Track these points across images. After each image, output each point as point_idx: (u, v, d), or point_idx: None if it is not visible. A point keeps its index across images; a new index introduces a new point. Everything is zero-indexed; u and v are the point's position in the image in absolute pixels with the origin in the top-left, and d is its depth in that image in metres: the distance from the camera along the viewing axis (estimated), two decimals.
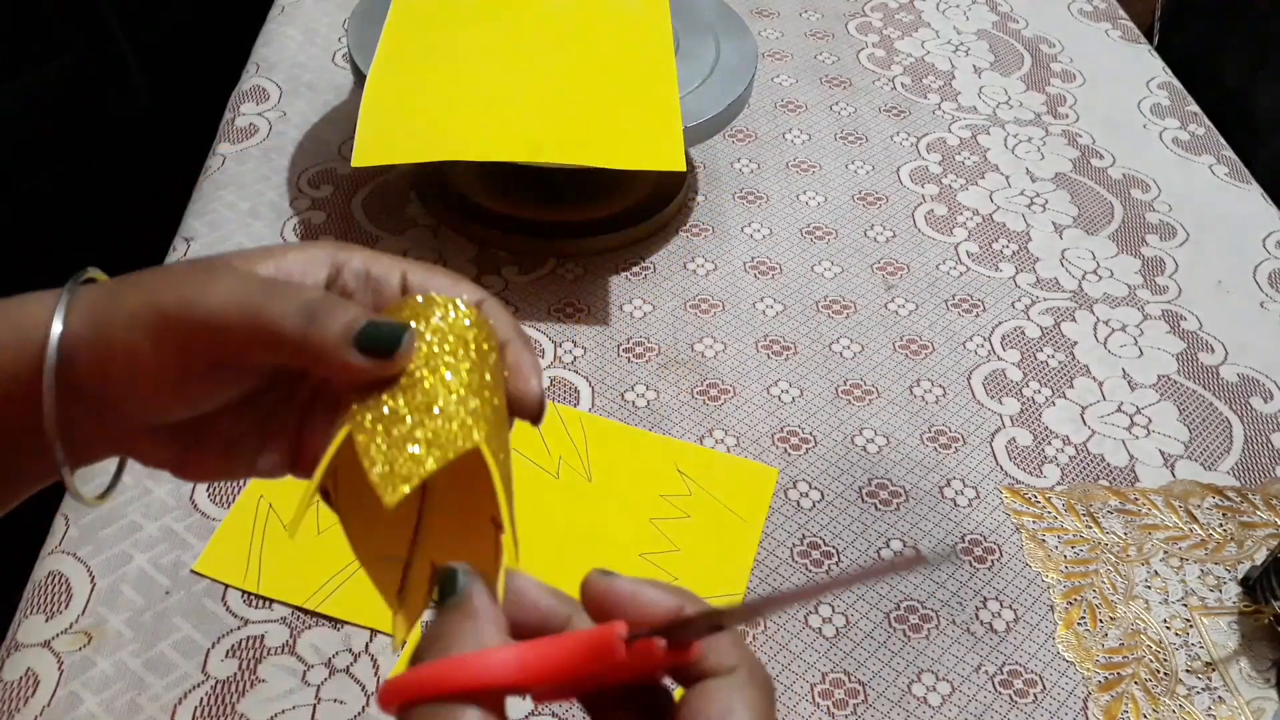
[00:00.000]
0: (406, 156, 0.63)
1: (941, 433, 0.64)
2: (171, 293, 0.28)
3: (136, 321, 0.28)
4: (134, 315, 0.28)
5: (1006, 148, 0.86)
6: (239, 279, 0.29)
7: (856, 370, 0.67)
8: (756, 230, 0.77)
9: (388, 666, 0.51)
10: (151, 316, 0.28)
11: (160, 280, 0.29)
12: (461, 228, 0.74)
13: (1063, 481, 0.62)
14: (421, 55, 0.69)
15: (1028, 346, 0.69)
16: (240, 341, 0.28)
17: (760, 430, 0.63)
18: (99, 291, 0.30)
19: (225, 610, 0.52)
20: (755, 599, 0.28)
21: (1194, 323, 0.72)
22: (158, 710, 0.48)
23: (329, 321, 0.28)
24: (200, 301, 0.28)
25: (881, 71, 0.94)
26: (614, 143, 0.64)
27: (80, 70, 1.04)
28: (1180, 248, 0.78)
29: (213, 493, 0.57)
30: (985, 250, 0.77)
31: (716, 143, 0.84)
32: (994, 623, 0.54)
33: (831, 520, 0.58)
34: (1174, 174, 0.85)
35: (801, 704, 0.51)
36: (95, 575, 0.53)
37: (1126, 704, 0.52)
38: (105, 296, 0.29)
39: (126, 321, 0.28)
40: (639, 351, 0.67)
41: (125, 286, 0.30)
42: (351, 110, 0.66)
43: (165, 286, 0.29)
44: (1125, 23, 1.03)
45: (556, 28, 0.73)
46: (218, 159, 0.78)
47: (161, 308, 0.28)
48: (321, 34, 0.92)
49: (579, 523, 0.57)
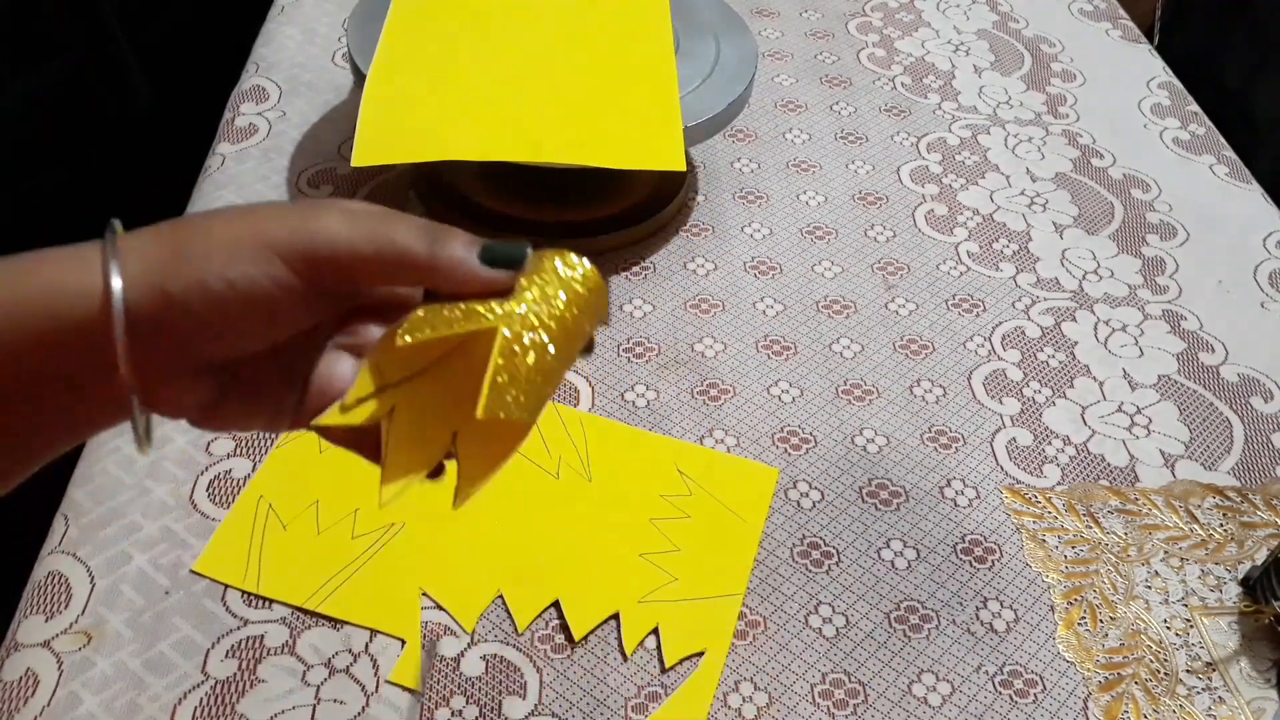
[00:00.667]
0: (406, 156, 0.63)
1: (942, 433, 0.63)
2: (278, 226, 0.30)
3: (241, 253, 0.30)
4: (235, 247, 0.30)
5: (1007, 147, 0.86)
6: (348, 212, 0.31)
7: (857, 370, 0.67)
8: (756, 230, 0.77)
9: (388, 666, 0.51)
10: (258, 246, 0.30)
11: (247, 217, 0.31)
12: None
13: (1063, 481, 0.61)
14: (421, 55, 0.69)
15: (1028, 346, 0.69)
16: (368, 266, 0.31)
17: (760, 430, 0.63)
18: (151, 233, 0.30)
19: (225, 610, 0.52)
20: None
21: (1194, 323, 0.72)
22: (157, 710, 0.48)
23: (451, 240, 0.32)
24: (323, 231, 0.30)
25: (882, 71, 0.94)
26: (614, 143, 0.64)
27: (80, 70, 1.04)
28: (1181, 248, 0.78)
29: (213, 493, 0.57)
30: (985, 250, 0.77)
31: (716, 143, 0.84)
32: (994, 623, 0.54)
33: (831, 520, 0.58)
34: (1174, 174, 0.85)
35: (801, 704, 0.51)
36: (95, 575, 0.53)
37: (1127, 704, 0.52)
38: (169, 235, 0.30)
39: (225, 255, 0.30)
40: (639, 351, 0.67)
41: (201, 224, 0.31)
42: (351, 110, 0.66)
43: (262, 222, 0.30)
44: (1125, 23, 1.03)
45: (556, 28, 0.73)
46: (218, 159, 0.78)
47: (273, 239, 0.30)
48: (321, 34, 0.92)
49: (579, 523, 0.57)
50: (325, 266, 0.31)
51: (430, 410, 0.33)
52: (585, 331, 0.34)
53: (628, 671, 0.51)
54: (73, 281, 0.29)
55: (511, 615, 0.53)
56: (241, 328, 0.31)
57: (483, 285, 0.32)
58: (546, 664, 0.51)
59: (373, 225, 0.31)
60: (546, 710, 0.50)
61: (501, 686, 0.50)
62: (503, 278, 0.32)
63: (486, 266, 0.32)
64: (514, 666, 0.51)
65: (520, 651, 0.52)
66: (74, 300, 0.29)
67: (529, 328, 0.32)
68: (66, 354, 0.29)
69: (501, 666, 0.51)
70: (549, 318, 0.32)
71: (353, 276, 0.31)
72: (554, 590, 0.54)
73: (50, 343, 0.29)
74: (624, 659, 0.52)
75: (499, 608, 0.53)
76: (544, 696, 0.50)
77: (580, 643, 0.52)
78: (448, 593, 0.53)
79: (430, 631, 0.52)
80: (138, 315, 0.29)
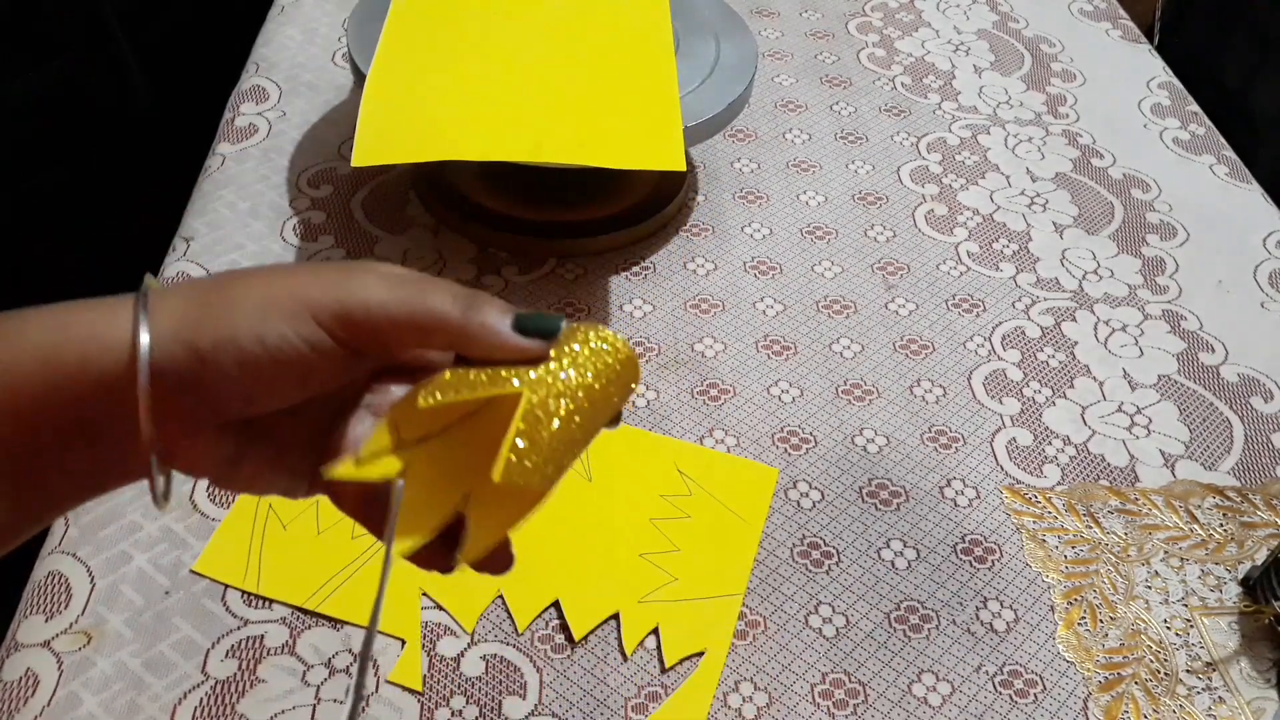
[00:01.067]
0: (406, 156, 0.63)
1: (942, 433, 0.63)
2: (314, 286, 0.31)
3: (275, 312, 0.30)
4: (269, 306, 0.30)
5: (1007, 147, 0.86)
6: (384, 276, 0.32)
7: (857, 370, 0.67)
8: (756, 230, 0.77)
9: (388, 666, 0.51)
10: (293, 305, 0.30)
11: (282, 276, 0.31)
12: (461, 228, 0.74)
13: (1063, 481, 0.61)
14: (421, 55, 0.69)
15: (1028, 346, 0.69)
16: (402, 329, 0.31)
17: (760, 430, 0.63)
18: (185, 289, 0.31)
19: (225, 610, 0.52)
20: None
21: (1194, 323, 0.72)
22: (158, 710, 0.48)
23: (486, 306, 0.32)
24: (358, 293, 0.31)
25: (882, 71, 0.94)
26: (614, 142, 0.64)
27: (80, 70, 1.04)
28: (1180, 248, 0.78)
29: (212, 493, 0.57)
30: (985, 250, 0.77)
31: (716, 143, 0.84)
32: (994, 623, 0.54)
33: (831, 520, 0.58)
34: (1174, 174, 0.85)
35: (801, 704, 0.51)
36: (95, 575, 0.53)
37: (1127, 704, 0.52)
38: (203, 291, 0.31)
39: (259, 313, 0.30)
40: (639, 351, 0.67)
41: (236, 281, 0.31)
42: (351, 110, 0.66)
43: (297, 281, 0.31)
44: (1125, 22, 1.03)
45: (556, 27, 0.73)
46: (218, 159, 0.78)
47: (308, 298, 0.30)
48: (321, 34, 0.92)
49: (579, 523, 0.57)
50: (360, 328, 0.31)
51: (443, 472, 0.33)
52: (613, 405, 0.34)
53: (628, 671, 0.51)
54: (103, 333, 0.29)
55: (511, 615, 0.53)
56: (271, 387, 0.31)
57: (516, 353, 0.32)
58: (546, 664, 0.51)
59: (408, 289, 0.31)
60: (546, 710, 0.50)
61: (501, 686, 0.50)
62: (536, 346, 0.32)
63: (520, 335, 0.32)
64: (514, 666, 0.51)
65: (520, 651, 0.52)
66: (103, 352, 0.29)
67: (555, 395, 0.32)
68: (92, 405, 0.29)
69: (501, 666, 0.51)
70: (577, 387, 0.32)
71: (386, 340, 0.32)
72: (554, 590, 0.54)
73: (77, 392, 0.29)
74: (624, 659, 0.52)
75: (499, 608, 0.53)
76: (544, 696, 0.50)
77: (580, 643, 0.52)
78: (448, 593, 0.53)
79: (430, 631, 0.52)
80: (165, 369, 0.29)
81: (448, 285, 0.32)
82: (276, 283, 0.31)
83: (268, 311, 0.30)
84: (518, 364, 0.32)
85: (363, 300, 0.31)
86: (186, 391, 0.30)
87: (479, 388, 0.31)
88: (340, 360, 0.31)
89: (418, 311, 0.31)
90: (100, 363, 0.29)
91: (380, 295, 0.31)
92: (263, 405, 0.31)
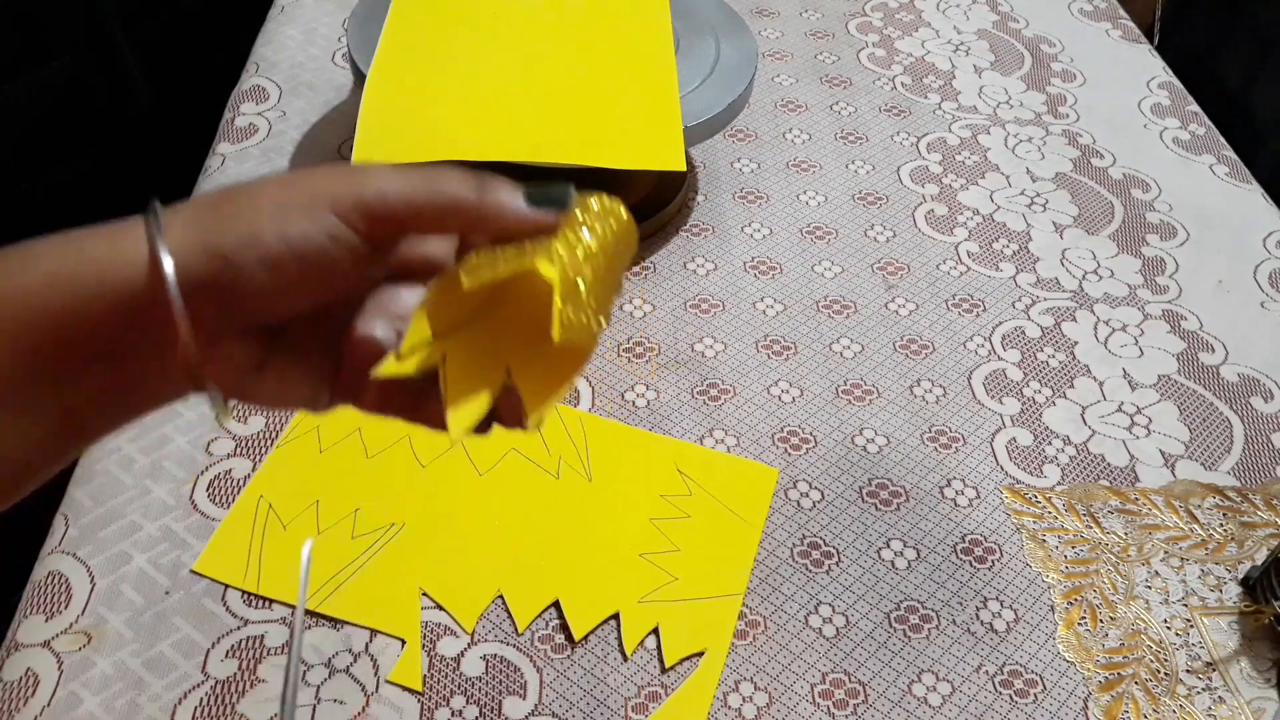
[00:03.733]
0: (406, 156, 0.63)
1: (942, 433, 0.63)
2: (330, 182, 0.31)
3: (295, 209, 0.30)
4: (288, 203, 0.30)
5: (1007, 147, 0.86)
6: (395, 168, 0.32)
7: (857, 370, 0.67)
8: (756, 230, 0.77)
9: (388, 666, 0.51)
10: (312, 201, 0.30)
11: (295, 176, 0.31)
12: None
13: (1063, 481, 0.61)
14: (421, 55, 0.69)
15: (1028, 346, 0.69)
16: (421, 215, 0.32)
17: (760, 430, 0.63)
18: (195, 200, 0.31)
19: (225, 610, 0.52)
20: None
21: (1194, 323, 0.72)
22: (158, 710, 0.48)
23: (498, 185, 0.32)
24: (374, 183, 0.31)
25: (882, 71, 0.94)
26: (614, 143, 0.64)
27: (80, 70, 1.04)
28: (1181, 248, 0.78)
29: (213, 493, 0.57)
30: (985, 250, 0.77)
31: (716, 143, 0.84)
32: (994, 623, 0.54)
33: (832, 520, 0.58)
34: (1174, 174, 0.85)
35: (801, 704, 0.51)
36: (95, 575, 0.53)
37: (1127, 704, 0.52)
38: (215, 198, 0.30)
39: (278, 211, 0.30)
40: (639, 351, 0.67)
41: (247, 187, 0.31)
42: (351, 110, 0.66)
43: (312, 179, 0.31)
44: (1125, 22, 1.03)
45: (557, 27, 0.73)
46: (218, 159, 0.78)
47: (326, 192, 0.30)
48: (321, 34, 0.92)
49: (579, 523, 0.57)
50: (379, 217, 0.31)
51: (482, 352, 0.34)
52: (626, 263, 0.36)
53: (628, 671, 0.51)
54: (118, 250, 0.29)
55: (511, 615, 0.53)
56: (295, 286, 0.30)
57: (531, 225, 0.33)
58: (546, 664, 0.51)
59: (421, 176, 0.32)
60: (546, 710, 0.50)
61: (501, 686, 0.50)
62: (550, 217, 0.33)
63: (533, 207, 0.33)
64: (514, 666, 0.51)
65: (520, 651, 0.52)
66: (121, 268, 0.28)
67: (584, 256, 0.33)
68: (113, 324, 0.29)
69: (501, 666, 0.51)
70: (598, 249, 0.33)
71: (405, 225, 0.32)
72: (554, 590, 0.54)
73: (96, 312, 0.29)
74: (624, 659, 0.52)
75: (499, 608, 0.53)
76: (544, 696, 0.50)
77: (580, 643, 0.52)
78: (448, 593, 0.53)
79: (430, 631, 0.52)
80: (188, 277, 0.29)
81: (456, 170, 0.33)
82: (292, 183, 0.31)
83: (287, 209, 0.30)
84: (534, 237, 0.33)
85: (379, 189, 0.31)
86: (209, 298, 0.29)
87: (513, 261, 0.32)
88: (360, 255, 0.31)
89: (435, 194, 0.32)
90: (118, 279, 0.28)
91: (396, 183, 0.31)
92: (286, 307, 0.31)
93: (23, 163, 1.02)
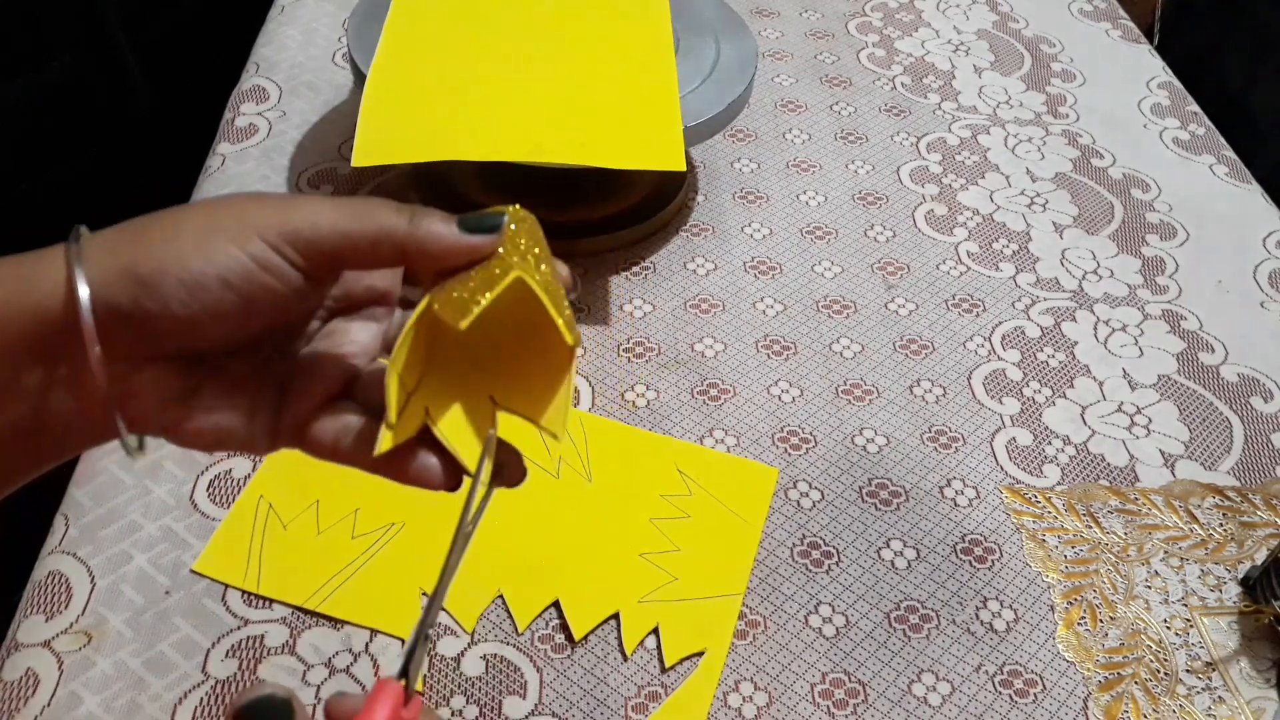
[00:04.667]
0: (406, 156, 0.63)
1: (942, 433, 0.64)
2: (259, 209, 0.30)
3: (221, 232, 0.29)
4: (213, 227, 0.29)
5: (1006, 147, 0.86)
6: (328, 199, 0.32)
7: (856, 370, 0.67)
8: (756, 230, 0.77)
9: (388, 667, 0.51)
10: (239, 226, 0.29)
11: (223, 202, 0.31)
12: None
13: (1063, 481, 0.61)
14: (421, 55, 0.69)
15: (1028, 346, 0.69)
16: (352, 246, 0.31)
17: (760, 430, 0.63)
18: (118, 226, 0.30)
19: (225, 610, 0.52)
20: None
21: (1194, 322, 0.72)
22: (158, 710, 0.48)
23: (429, 216, 0.32)
24: (305, 213, 0.30)
25: (881, 71, 0.94)
26: (614, 143, 0.64)
27: (80, 70, 1.04)
28: (1180, 248, 0.78)
29: (212, 493, 0.57)
30: (985, 250, 0.77)
31: (716, 143, 0.84)
32: (994, 623, 0.54)
33: (831, 520, 0.58)
34: (1174, 174, 0.85)
35: (801, 704, 0.51)
36: (95, 575, 0.53)
37: (1126, 704, 0.52)
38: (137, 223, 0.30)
39: (202, 234, 0.29)
40: (639, 351, 0.67)
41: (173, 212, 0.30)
42: (351, 110, 0.66)
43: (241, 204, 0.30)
44: (1125, 22, 1.03)
45: (557, 27, 0.73)
46: (218, 159, 0.78)
47: (254, 219, 0.30)
48: (321, 34, 0.92)
49: (579, 523, 0.57)
50: (309, 247, 0.30)
51: (462, 387, 0.34)
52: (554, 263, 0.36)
53: (628, 671, 0.51)
54: (32, 275, 0.28)
55: (511, 615, 0.53)
56: (219, 310, 0.29)
57: (468, 251, 0.32)
58: (546, 664, 0.51)
59: (354, 208, 0.31)
60: (546, 710, 0.50)
61: (501, 686, 0.50)
62: (486, 241, 0.32)
63: (468, 234, 0.32)
64: (514, 666, 0.51)
65: (520, 651, 0.52)
66: (34, 292, 0.28)
67: (534, 267, 0.33)
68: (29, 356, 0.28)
69: (501, 666, 0.51)
70: (538, 256, 0.33)
71: (336, 258, 0.31)
72: (554, 590, 0.54)
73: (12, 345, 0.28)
74: (624, 659, 0.52)
75: (499, 608, 0.53)
76: (544, 696, 0.50)
77: (580, 643, 0.52)
78: (448, 592, 0.53)
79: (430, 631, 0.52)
80: (104, 299, 0.28)
81: (389, 202, 0.32)
82: (219, 209, 0.30)
83: (212, 233, 0.29)
84: (469, 262, 0.32)
85: (310, 218, 0.30)
86: (126, 322, 0.28)
87: (487, 284, 0.31)
88: (295, 285, 0.31)
89: (367, 226, 0.31)
90: (32, 308, 0.28)
91: (327, 213, 0.31)
92: (212, 333, 0.30)
93: (23, 163, 1.02)
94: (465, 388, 0.34)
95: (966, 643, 0.54)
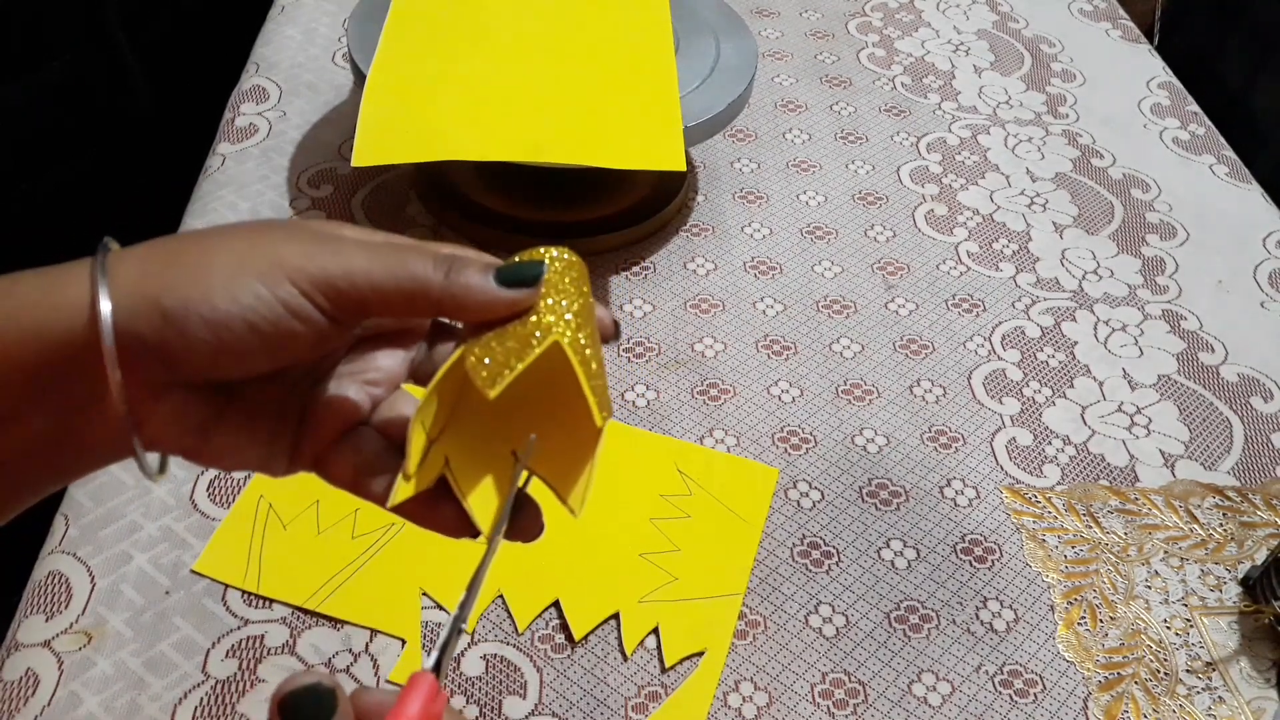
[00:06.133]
0: (406, 156, 0.63)
1: (942, 433, 0.64)
2: (292, 250, 0.29)
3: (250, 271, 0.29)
4: (244, 264, 0.29)
5: (1006, 147, 0.86)
6: (364, 244, 0.31)
7: (856, 370, 0.67)
8: (756, 230, 0.77)
9: (388, 666, 0.51)
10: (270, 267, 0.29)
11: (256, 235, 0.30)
12: (461, 228, 0.74)
13: (1063, 481, 0.61)
14: (421, 55, 0.69)
15: (1028, 346, 0.69)
16: (385, 298, 0.30)
17: (760, 430, 0.63)
18: (147, 246, 0.29)
19: (225, 610, 0.52)
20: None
21: (1194, 322, 0.72)
22: (158, 710, 0.48)
23: (467, 268, 0.31)
24: (340, 260, 0.29)
25: (881, 71, 0.94)
26: (614, 143, 0.64)
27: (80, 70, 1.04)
28: (1180, 247, 0.78)
29: (213, 493, 0.57)
30: (985, 250, 0.77)
31: (716, 143, 0.84)
32: (994, 623, 0.54)
33: (831, 520, 0.58)
34: (1174, 174, 0.85)
35: (801, 704, 0.51)
36: (95, 575, 0.53)
37: (1127, 704, 0.52)
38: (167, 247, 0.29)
39: (232, 272, 0.29)
40: (639, 351, 0.67)
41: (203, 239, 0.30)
42: (351, 110, 0.66)
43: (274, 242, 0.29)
44: (1125, 22, 1.03)
45: (557, 27, 0.73)
46: (218, 159, 0.78)
47: (286, 261, 0.29)
48: (321, 34, 0.92)
49: (579, 523, 0.57)
50: (342, 296, 0.29)
51: (484, 441, 0.33)
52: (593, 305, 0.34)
53: (628, 671, 0.51)
54: (58, 295, 0.28)
55: (511, 615, 0.53)
56: (243, 348, 0.29)
57: (506, 307, 0.31)
58: (546, 664, 0.51)
59: (389, 256, 0.30)
60: (546, 710, 0.50)
61: (501, 686, 0.50)
62: (524, 295, 0.31)
63: (505, 288, 0.31)
64: (514, 666, 0.51)
65: (520, 651, 0.52)
66: (58, 313, 0.27)
67: (575, 328, 0.31)
68: (47, 373, 0.28)
69: (501, 666, 0.51)
70: (579, 310, 0.32)
71: (368, 308, 0.30)
72: (554, 590, 0.54)
73: (34, 361, 0.27)
74: (624, 659, 0.52)
75: (499, 608, 0.53)
76: (544, 696, 0.50)
77: (580, 643, 0.52)
78: (448, 593, 0.53)
79: (430, 631, 0.52)
80: (128, 328, 0.28)
81: (427, 249, 0.31)
82: (252, 245, 0.29)
83: (242, 272, 0.28)
84: (511, 318, 0.31)
85: (344, 267, 0.29)
86: (150, 352, 0.28)
87: (520, 350, 0.30)
88: (321, 328, 0.30)
89: (401, 279, 0.30)
90: (55, 326, 0.27)
91: (362, 264, 0.30)
92: (235, 368, 0.30)
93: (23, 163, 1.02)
94: (489, 439, 0.33)
95: (966, 643, 0.54)
